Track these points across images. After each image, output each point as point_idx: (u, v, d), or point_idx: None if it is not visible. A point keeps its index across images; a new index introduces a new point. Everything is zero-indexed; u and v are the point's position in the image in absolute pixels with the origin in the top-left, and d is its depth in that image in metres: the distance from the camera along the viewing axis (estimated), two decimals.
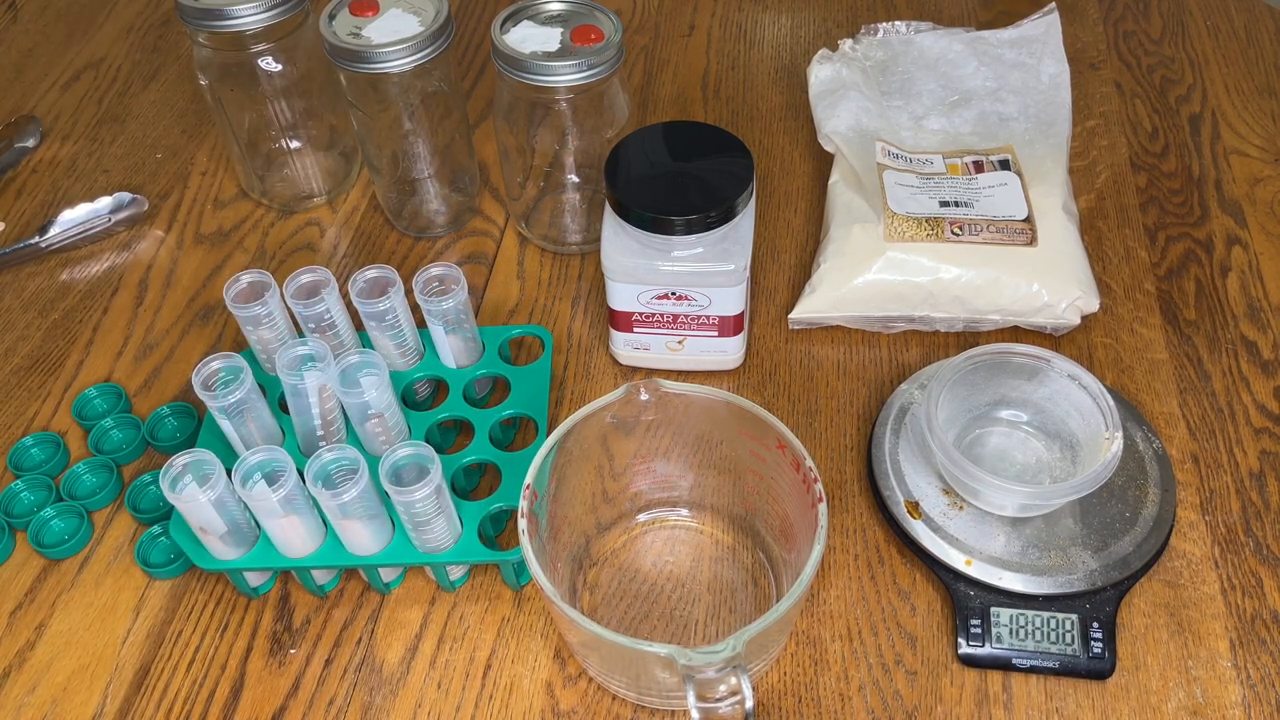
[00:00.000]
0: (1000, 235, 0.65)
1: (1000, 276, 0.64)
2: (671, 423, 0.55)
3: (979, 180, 0.68)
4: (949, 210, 0.66)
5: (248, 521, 0.55)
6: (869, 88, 0.74)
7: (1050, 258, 0.65)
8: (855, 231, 0.66)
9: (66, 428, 0.66)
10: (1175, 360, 0.66)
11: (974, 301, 0.65)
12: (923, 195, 0.67)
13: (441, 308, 0.60)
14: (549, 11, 0.67)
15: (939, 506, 0.57)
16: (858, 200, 0.68)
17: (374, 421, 0.57)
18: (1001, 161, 0.69)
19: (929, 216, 0.65)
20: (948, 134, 0.72)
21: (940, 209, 0.66)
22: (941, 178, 0.68)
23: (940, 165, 0.69)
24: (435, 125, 0.71)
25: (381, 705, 0.54)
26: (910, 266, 0.65)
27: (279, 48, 0.71)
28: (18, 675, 0.56)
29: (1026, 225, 0.65)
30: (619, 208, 0.59)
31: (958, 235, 0.64)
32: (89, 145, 0.86)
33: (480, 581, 0.58)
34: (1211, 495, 0.59)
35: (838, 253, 0.66)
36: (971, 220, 0.65)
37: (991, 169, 0.68)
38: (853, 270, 0.66)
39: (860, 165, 0.69)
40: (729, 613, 0.56)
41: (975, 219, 0.65)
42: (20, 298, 0.75)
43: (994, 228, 0.65)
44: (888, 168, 0.68)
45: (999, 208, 0.66)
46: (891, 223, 0.65)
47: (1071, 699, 0.52)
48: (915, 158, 0.70)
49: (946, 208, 0.66)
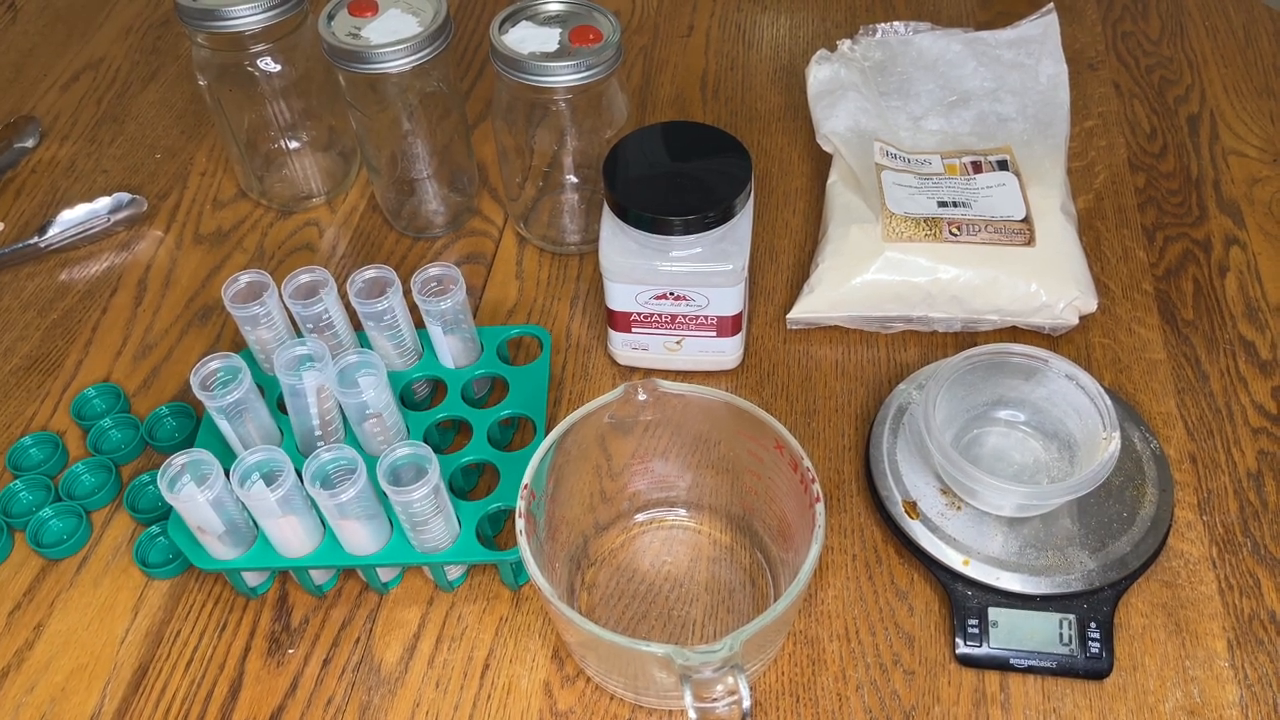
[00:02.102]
0: (998, 235, 0.65)
1: (998, 276, 0.64)
2: (669, 423, 0.55)
3: (977, 180, 0.68)
4: (947, 210, 0.66)
5: (246, 521, 0.55)
6: (867, 88, 0.74)
7: (1048, 258, 0.65)
8: (853, 232, 0.66)
9: (65, 428, 0.66)
10: (1173, 360, 0.66)
11: (972, 301, 0.65)
12: (921, 195, 0.67)
13: (440, 308, 0.60)
14: (547, 12, 0.67)
15: (937, 506, 0.57)
16: (856, 200, 0.68)
17: (372, 421, 0.57)
18: (1000, 162, 0.69)
19: (927, 216, 0.65)
20: (946, 134, 0.72)
21: (938, 209, 0.66)
22: (940, 178, 0.68)
23: (939, 165, 0.69)
24: (434, 125, 0.71)
25: (380, 705, 0.54)
26: (908, 266, 0.65)
27: (278, 48, 0.71)
28: (16, 675, 0.56)
29: (1024, 225, 0.65)
30: (617, 208, 0.59)
31: (955, 235, 0.64)
32: (88, 146, 0.86)
33: (478, 581, 0.58)
34: (1209, 495, 0.59)
35: (836, 253, 0.67)
36: (970, 220, 0.65)
37: (990, 169, 0.68)
38: (851, 270, 0.66)
39: (858, 165, 0.69)
40: (726, 612, 0.56)
41: (973, 219, 0.65)
42: (19, 298, 0.75)
43: (992, 228, 0.65)
44: (886, 168, 0.68)
45: (997, 208, 0.66)
46: (890, 222, 0.65)
47: (1069, 699, 0.52)
48: (913, 158, 0.70)
49: (945, 208, 0.66)
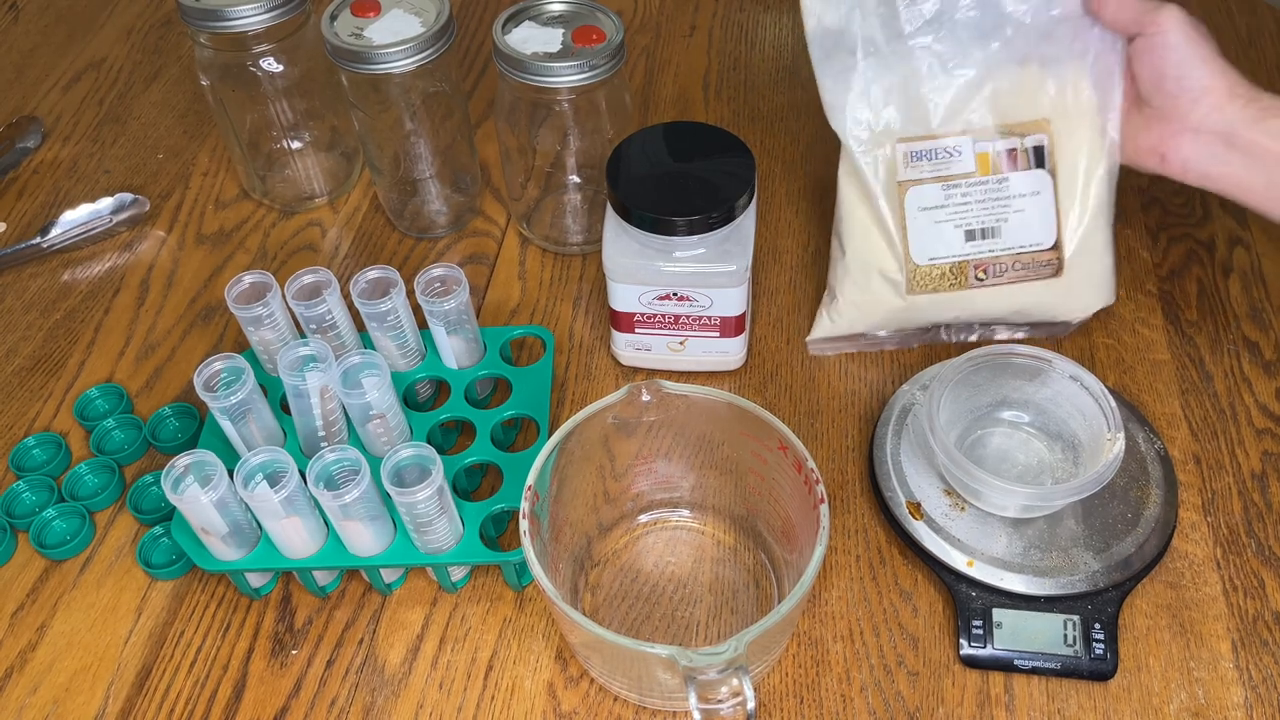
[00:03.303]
0: (1025, 272, 0.63)
1: (1024, 307, 0.64)
2: (673, 424, 0.54)
3: (1010, 185, 0.63)
4: (975, 247, 0.63)
5: (249, 522, 0.55)
6: (887, 29, 0.62)
7: (1073, 283, 0.63)
8: (875, 282, 0.64)
9: (68, 428, 0.66)
10: (1177, 361, 0.66)
11: (993, 321, 0.67)
12: (948, 225, 0.63)
13: (443, 308, 0.59)
14: (550, 12, 0.67)
15: (941, 507, 0.57)
16: (875, 235, 0.64)
17: (376, 422, 0.57)
18: (1036, 149, 0.62)
19: (954, 263, 0.63)
20: (979, 90, 0.62)
21: (965, 247, 0.63)
22: (970, 183, 0.63)
23: (969, 158, 0.63)
24: (437, 126, 0.71)
25: (383, 706, 0.54)
26: (933, 308, 0.64)
27: (280, 48, 0.71)
28: (19, 676, 0.56)
29: (1053, 254, 0.63)
30: (620, 208, 0.59)
31: (982, 280, 0.63)
32: (90, 146, 0.86)
33: (482, 582, 0.58)
34: (1213, 496, 0.59)
35: (857, 296, 0.65)
36: (997, 259, 0.63)
37: (1025, 163, 0.63)
38: (872, 313, 0.65)
39: (880, 184, 0.63)
40: (730, 614, 0.56)
41: (1001, 256, 0.63)
42: (22, 298, 0.75)
43: (1020, 263, 0.63)
44: (911, 184, 0.63)
45: (1027, 233, 0.63)
46: (914, 276, 0.63)
47: (1073, 700, 0.52)
48: (941, 151, 0.63)
49: (973, 242, 0.63)
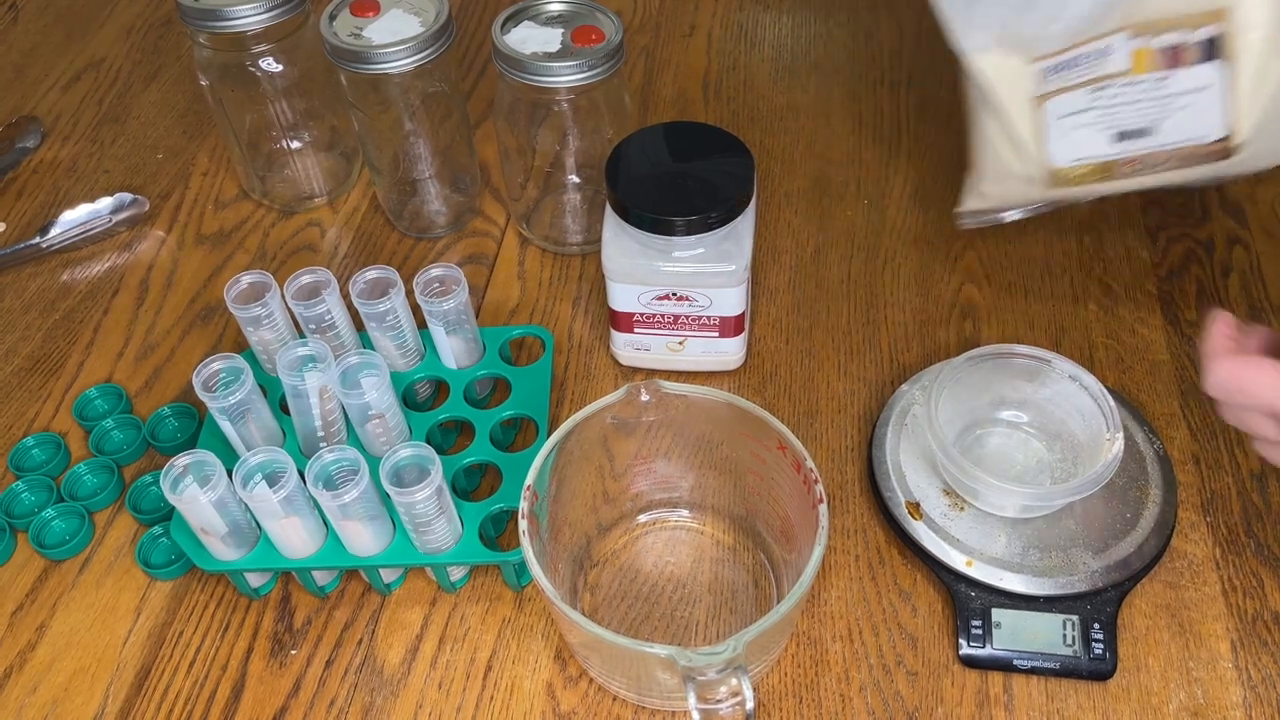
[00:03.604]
0: (1186, 163, 0.53)
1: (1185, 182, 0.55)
2: (672, 424, 0.54)
3: (1171, 83, 0.51)
4: (1126, 145, 0.53)
5: (248, 522, 0.55)
6: None
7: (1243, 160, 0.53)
8: (1011, 185, 0.59)
9: (67, 428, 0.66)
10: (1176, 361, 0.66)
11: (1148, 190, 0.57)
12: (1093, 129, 0.54)
13: (442, 308, 0.60)
14: (549, 12, 0.67)
15: (940, 507, 0.57)
16: (1007, 151, 0.57)
17: (375, 422, 0.57)
18: (1208, 42, 0.50)
19: (1100, 163, 0.55)
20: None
21: (1114, 146, 0.54)
22: (1122, 83, 0.52)
23: (1123, 58, 0.52)
24: (436, 126, 0.71)
25: (382, 706, 0.54)
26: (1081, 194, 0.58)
27: (279, 48, 0.71)
28: (19, 676, 0.56)
29: (1220, 146, 0.52)
30: (620, 208, 0.59)
31: (1132, 173, 0.54)
32: (89, 146, 0.86)
33: (481, 582, 0.58)
34: (1213, 496, 0.59)
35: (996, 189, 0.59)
36: (1151, 154, 0.53)
37: (1193, 58, 0.51)
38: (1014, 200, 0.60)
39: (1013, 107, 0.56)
40: (730, 614, 0.56)
41: (1156, 151, 0.53)
42: (21, 298, 0.75)
43: (1178, 157, 0.53)
44: (1050, 95, 0.54)
45: (1191, 128, 0.52)
46: (1055, 176, 0.56)
47: (1073, 700, 0.52)
48: (1085, 55, 0.53)
49: (1124, 141, 0.53)
